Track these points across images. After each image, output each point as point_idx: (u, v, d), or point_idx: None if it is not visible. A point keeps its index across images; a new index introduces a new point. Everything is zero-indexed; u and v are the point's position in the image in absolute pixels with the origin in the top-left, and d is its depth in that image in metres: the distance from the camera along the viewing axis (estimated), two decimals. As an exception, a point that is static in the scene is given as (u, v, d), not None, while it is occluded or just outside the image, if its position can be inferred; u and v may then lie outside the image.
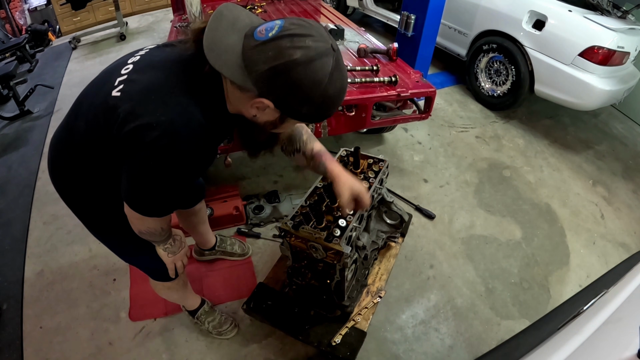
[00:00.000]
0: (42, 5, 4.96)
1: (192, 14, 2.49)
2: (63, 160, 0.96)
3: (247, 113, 0.80)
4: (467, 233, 2.11)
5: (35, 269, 1.86)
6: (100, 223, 1.05)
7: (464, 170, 2.56)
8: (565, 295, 1.83)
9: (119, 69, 0.84)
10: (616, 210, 2.41)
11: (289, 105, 0.74)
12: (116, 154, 0.82)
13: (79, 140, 0.88)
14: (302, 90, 0.71)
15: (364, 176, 1.44)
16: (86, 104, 0.88)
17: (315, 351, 1.49)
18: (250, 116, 0.80)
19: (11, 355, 1.52)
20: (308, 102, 0.73)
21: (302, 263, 1.33)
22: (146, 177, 0.80)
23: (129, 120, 0.75)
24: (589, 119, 3.37)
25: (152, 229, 0.95)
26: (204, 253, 1.82)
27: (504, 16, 2.94)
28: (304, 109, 0.75)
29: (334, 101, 0.77)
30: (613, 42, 2.51)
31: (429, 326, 1.66)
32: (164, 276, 1.20)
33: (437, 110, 3.17)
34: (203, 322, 1.54)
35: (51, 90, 3.49)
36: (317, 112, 0.77)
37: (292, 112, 0.77)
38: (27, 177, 2.46)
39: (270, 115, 0.79)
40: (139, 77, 0.80)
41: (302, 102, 0.73)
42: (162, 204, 0.89)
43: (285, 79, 0.70)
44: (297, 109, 0.75)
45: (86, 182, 0.95)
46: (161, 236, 1.01)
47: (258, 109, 0.77)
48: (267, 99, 0.73)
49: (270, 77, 0.70)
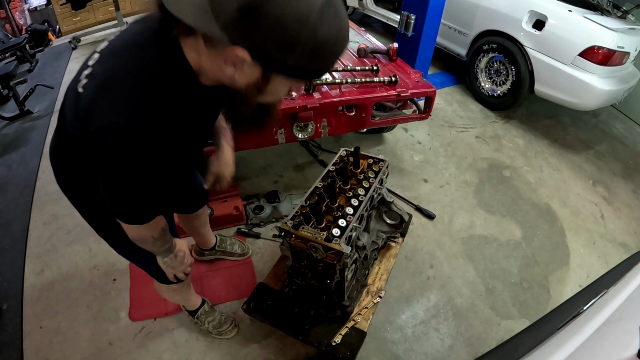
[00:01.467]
0: (42, 5, 4.96)
1: (192, 14, 2.49)
2: (60, 159, 0.94)
3: (223, 76, 0.66)
4: (467, 233, 2.11)
5: (35, 269, 1.86)
6: (103, 223, 1.03)
7: (464, 170, 2.56)
8: (565, 295, 1.83)
9: (87, 61, 0.76)
10: (616, 210, 2.41)
11: (268, 54, 0.58)
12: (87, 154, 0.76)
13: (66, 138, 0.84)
14: (282, 31, 0.55)
15: (364, 176, 1.44)
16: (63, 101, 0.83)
17: (315, 351, 1.49)
18: (228, 79, 0.66)
19: (11, 355, 1.52)
20: (293, 47, 0.57)
21: (302, 263, 1.33)
22: (115, 182, 0.75)
23: (88, 122, 0.68)
24: (589, 119, 3.37)
25: (143, 236, 0.90)
26: (204, 253, 1.82)
27: (504, 16, 2.94)
28: (289, 58, 0.58)
29: (329, 47, 0.60)
30: (613, 42, 2.51)
31: (429, 326, 1.66)
32: (168, 279, 1.17)
33: (437, 110, 3.17)
34: (203, 322, 1.54)
35: (51, 90, 3.49)
36: (309, 63, 0.61)
37: (275, 64, 0.60)
38: (27, 177, 2.46)
39: (250, 74, 0.63)
40: (99, 68, 0.71)
41: (284, 48, 0.57)
42: (138, 210, 0.82)
43: (259, 17, 0.54)
44: (280, 59, 0.59)
45: (83, 180, 0.91)
46: (155, 246, 0.94)
47: (234, 65, 0.62)
48: (241, 48, 0.58)
49: (241, 18, 0.55)
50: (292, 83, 0.70)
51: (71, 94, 0.76)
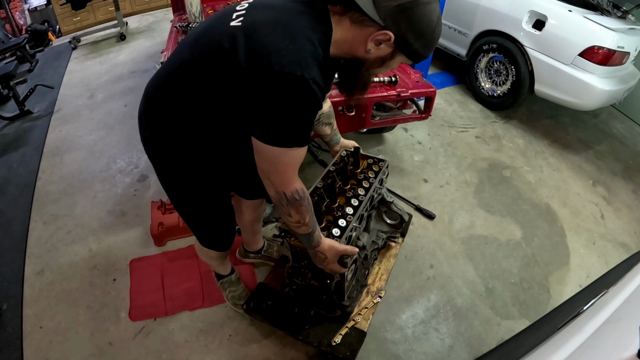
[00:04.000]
0: (42, 5, 4.95)
1: (192, 14, 2.49)
2: (161, 97, 0.97)
3: (360, 50, 0.88)
4: (467, 233, 2.11)
5: (35, 269, 1.86)
6: (181, 177, 1.08)
7: (464, 170, 2.56)
8: (565, 295, 1.83)
9: (234, 7, 0.89)
10: (616, 210, 2.41)
11: (406, 39, 0.84)
12: (229, 82, 0.84)
13: (180, 69, 0.90)
14: (419, 27, 0.82)
15: (364, 176, 1.44)
16: (195, 37, 0.91)
17: (315, 351, 1.49)
18: (362, 53, 0.88)
19: (11, 355, 1.52)
20: (421, 38, 0.84)
21: (302, 263, 1.33)
22: (277, 101, 0.80)
23: (256, 45, 0.79)
24: (589, 119, 3.37)
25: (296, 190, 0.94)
26: (249, 255, 1.82)
27: (504, 16, 2.94)
28: (416, 44, 0.85)
29: (435, 41, 0.88)
30: (613, 42, 2.51)
31: (429, 326, 1.66)
32: (213, 245, 1.34)
33: (437, 110, 3.17)
34: (225, 289, 1.61)
35: (51, 90, 3.49)
36: (424, 49, 0.87)
37: (406, 47, 0.86)
38: (27, 177, 2.46)
39: (383, 51, 0.88)
40: (259, 13, 0.85)
41: (417, 38, 0.84)
42: (300, 130, 0.87)
43: (410, 15, 0.81)
44: (411, 44, 0.85)
45: (179, 122, 0.95)
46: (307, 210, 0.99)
47: (377, 42, 0.85)
48: (390, 31, 0.82)
49: (397, 12, 0.80)
50: (401, 62, 0.94)
51: (212, 31, 0.87)
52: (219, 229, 1.30)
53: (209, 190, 1.14)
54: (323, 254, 1.11)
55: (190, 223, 1.28)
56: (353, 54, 0.90)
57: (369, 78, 0.97)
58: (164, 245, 1.95)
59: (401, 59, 0.91)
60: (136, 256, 1.90)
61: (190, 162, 1.04)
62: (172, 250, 1.93)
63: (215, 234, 1.31)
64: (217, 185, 1.16)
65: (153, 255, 1.91)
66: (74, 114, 3.13)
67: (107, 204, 2.22)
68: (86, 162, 2.55)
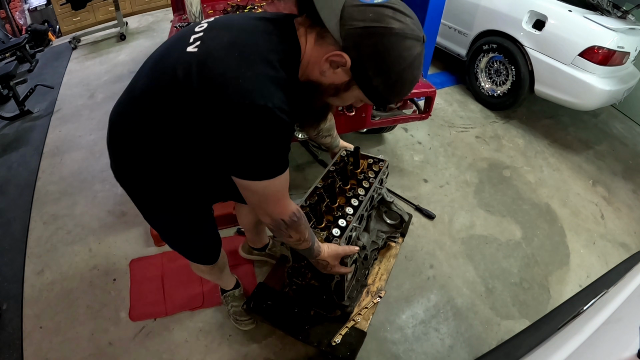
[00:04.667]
0: (42, 5, 4.95)
1: (192, 14, 2.49)
2: (123, 126, 0.89)
3: (315, 71, 0.78)
4: (467, 233, 2.11)
5: (35, 269, 1.86)
6: (156, 203, 1.00)
7: (464, 170, 2.56)
8: (565, 295, 1.83)
9: (193, 28, 0.82)
10: (616, 210, 2.41)
11: (364, 70, 0.73)
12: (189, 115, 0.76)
13: (140, 99, 0.83)
14: (385, 60, 0.72)
15: (364, 176, 1.44)
16: (153, 62, 0.84)
17: (315, 351, 1.49)
18: (317, 75, 0.78)
19: (11, 355, 1.52)
20: (384, 74, 0.73)
21: (302, 263, 1.33)
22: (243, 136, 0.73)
23: (211, 74, 0.71)
24: (589, 119, 3.37)
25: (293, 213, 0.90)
26: (253, 252, 1.82)
27: (504, 16, 2.94)
28: (375, 80, 0.74)
29: (404, 87, 0.77)
30: (613, 42, 2.50)
31: (429, 326, 1.66)
32: (200, 260, 1.29)
33: (437, 110, 3.17)
34: (228, 303, 1.59)
35: (51, 90, 3.49)
36: (386, 89, 0.76)
37: (364, 80, 0.75)
38: (27, 177, 2.46)
39: (338, 78, 0.77)
40: (217, 34, 0.77)
41: (378, 72, 0.73)
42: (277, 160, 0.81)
43: (376, 43, 0.70)
44: (370, 78, 0.74)
45: (146, 150, 0.87)
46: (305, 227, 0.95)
47: (331, 64, 0.75)
48: (347, 55, 0.72)
49: (362, 36, 0.71)
50: (359, 99, 0.83)
51: (169, 56, 0.80)
52: (202, 242, 1.23)
53: (187, 209, 1.06)
54: (325, 260, 1.10)
55: (173, 245, 1.22)
56: (308, 75, 0.80)
57: (323, 107, 0.86)
58: (164, 245, 1.95)
59: (358, 94, 0.79)
60: (136, 256, 1.90)
61: (163, 186, 0.95)
62: (172, 250, 1.92)
63: (200, 248, 1.24)
64: (196, 202, 1.07)
65: (153, 255, 1.91)
66: (74, 114, 3.14)
67: (107, 204, 2.22)
68: (86, 162, 2.55)
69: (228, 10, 2.78)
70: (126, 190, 1.00)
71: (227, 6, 2.89)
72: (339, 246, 1.13)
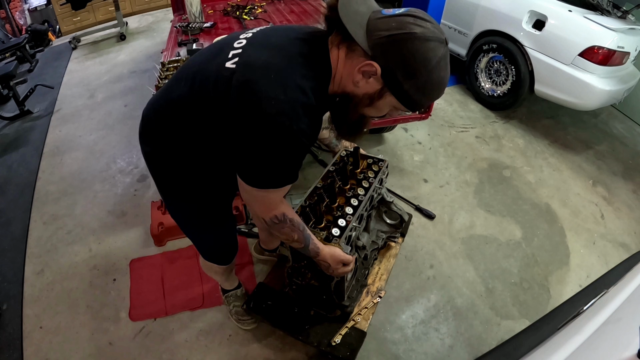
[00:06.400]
0: (42, 5, 4.95)
1: (192, 14, 2.49)
2: (157, 122, 0.99)
3: (349, 82, 0.83)
4: (467, 233, 2.11)
5: (35, 269, 1.86)
6: (180, 191, 1.08)
7: (464, 170, 2.56)
8: (565, 295, 1.82)
9: (232, 42, 0.88)
10: (616, 210, 2.41)
11: (394, 75, 0.77)
12: (221, 123, 0.85)
13: (177, 103, 0.91)
14: (411, 63, 0.75)
15: (364, 176, 1.44)
16: (193, 70, 0.91)
17: (315, 351, 1.49)
18: (351, 86, 0.83)
19: (11, 355, 1.52)
20: (413, 77, 0.77)
21: (302, 263, 1.33)
22: (264, 149, 0.81)
23: (247, 91, 0.78)
24: (589, 119, 3.36)
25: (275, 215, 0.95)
26: (264, 253, 1.82)
27: (504, 16, 2.94)
28: (406, 84, 0.77)
29: (434, 89, 0.81)
30: (613, 42, 2.50)
31: (429, 326, 1.66)
32: (216, 259, 1.33)
33: (437, 110, 3.17)
34: (230, 303, 1.59)
35: (51, 90, 3.49)
36: (417, 93, 0.79)
37: (395, 85, 0.79)
38: (27, 177, 2.46)
39: (371, 87, 0.81)
40: (255, 53, 0.83)
41: (407, 76, 0.76)
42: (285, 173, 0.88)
43: (401, 48, 0.74)
44: (401, 83, 0.78)
45: (176, 145, 0.97)
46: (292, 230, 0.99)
47: (364, 74, 0.79)
48: (377, 63, 0.76)
49: (388, 44, 0.75)
50: (393, 106, 0.85)
51: (209, 67, 0.87)
52: (221, 241, 1.29)
53: (209, 201, 1.14)
54: (325, 261, 1.12)
55: (192, 236, 1.27)
56: (343, 88, 0.85)
57: (361, 119, 0.90)
58: (164, 245, 1.95)
59: (392, 101, 0.83)
60: (136, 256, 1.90)
61: (190, 176, 1.04)
62: (172, 250, 1.93)
63: (218, 247, 1.30)
64: (218, 195, 1.16)
65: (153, 255, 1.91)
66: (74, 114, 3.14)
67: (107, 204, 2.22)
68: (86, 162, 2.55)
69: (228, 11, 2.78)
70: (155, 176, 1.08)
71: (227, 6, 2.89)
72: (340, 253, 1.14)
